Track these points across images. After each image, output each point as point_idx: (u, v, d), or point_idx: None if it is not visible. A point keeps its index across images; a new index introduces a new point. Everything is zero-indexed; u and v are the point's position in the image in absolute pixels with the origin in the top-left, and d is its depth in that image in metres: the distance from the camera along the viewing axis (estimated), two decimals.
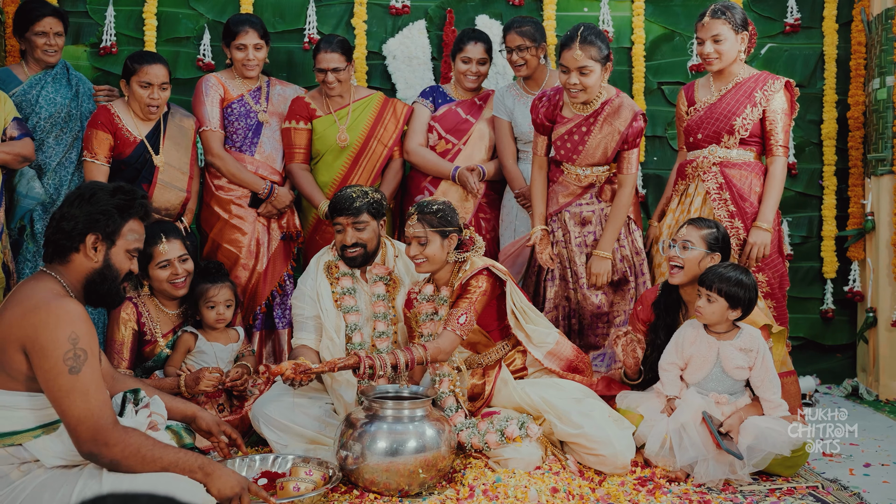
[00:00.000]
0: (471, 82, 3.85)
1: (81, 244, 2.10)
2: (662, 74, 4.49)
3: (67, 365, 1.94)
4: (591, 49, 3.21)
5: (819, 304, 4.48)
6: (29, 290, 2.05)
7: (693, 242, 2.97)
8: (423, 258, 2.90)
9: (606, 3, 4.44)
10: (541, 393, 2.86)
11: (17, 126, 3.36)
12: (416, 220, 2.92)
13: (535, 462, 2.72)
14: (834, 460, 3.01)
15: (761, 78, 3.42)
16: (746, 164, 3.41)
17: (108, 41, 4.27)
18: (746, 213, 3.36)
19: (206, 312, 3.16)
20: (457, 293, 2.90)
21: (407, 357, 2.69)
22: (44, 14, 3.53)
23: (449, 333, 2.79)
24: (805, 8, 4.49)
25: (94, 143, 3.45)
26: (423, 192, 3.83)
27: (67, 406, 1.94)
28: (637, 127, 3.34)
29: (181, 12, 4.36)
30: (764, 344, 2.82)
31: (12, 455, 2.00)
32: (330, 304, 3.08)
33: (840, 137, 4.47)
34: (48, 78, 3.58)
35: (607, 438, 2.70)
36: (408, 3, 4.41)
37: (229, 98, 3.77)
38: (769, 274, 3.39)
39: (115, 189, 2.17)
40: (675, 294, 3.08)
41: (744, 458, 2.64)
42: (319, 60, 3.72)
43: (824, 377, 4.42)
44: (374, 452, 2.50)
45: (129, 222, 2.16)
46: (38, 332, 1.95)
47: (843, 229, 4.44)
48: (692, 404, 2.75)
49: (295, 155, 3.80)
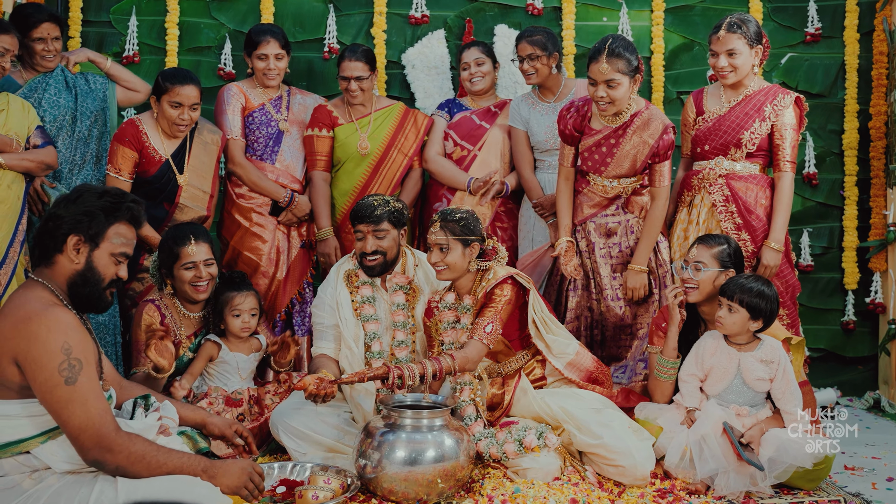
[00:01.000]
0: (476, 84, 3.88)
1: (63, 245, 2.07)
2: (682, 84, 4.48)
3: (63, 376, 1.92)
4: (619, 62, 3.17)
5: (840, 316, 4.44)
6: (19, 300, 2.02)
7: (705, 263, 2.94)
8: (444, 265, 2.91)
9: (626, 12, 4.44)
10: (560, 403, 2.86)
11: (40, 134, 3.39)
12: (439, 227, 2.93)
13: (554, 472, 2.71)
14: (856, 474, 2.98)
15: (771, 91, 3.40)
16: (752, 176, 3.40)
17: (131, 50, 4.32)
18: (753, 226, 3.35)
19: (232, 321, 3.17)
20: (481, 302, 2.90)
21: (435, 367, 2.70)
22: (41, 20, 3.51)
23: (476, 343, 2.80)
24: (826, 17, 4.46)
25: (119, 158, 3.46)
26: (441, 200, 3.85)
27: (67, 417, 1.93)
28: (668, 140, 3.31)
29: (203, 22, 4.40)
30: (785, 356, 2.80)
31: (22, 464, 2.00)
32: (349, 314, 3.08)
33: (861, 148, 4.44)
34: (48, 81, 3.58)
35: (627, 449, 2.68)
36: (427, 13, 4.43)
37: (251, 107, 3.80)
38: (779, 284, 3.37)
39: (104, 192, 2.14)
40: (692, 311, 3.05)
41: (764, 469, 2.61)
42: (343, 69, 3.76)
43: (845, 389, 4.38)
44: (392, 462, 2.50)
45: (115, 225, 2.12)
46: (31, 344, 1.92)
47: (864, 240, 4.40)
48: (712, 416, 2.73)
49: (317, 162, 3.83)
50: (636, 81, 3.26)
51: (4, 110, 3.30)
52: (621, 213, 3.46)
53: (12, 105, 3.33)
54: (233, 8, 4.42)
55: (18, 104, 3.36)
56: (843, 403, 4.23)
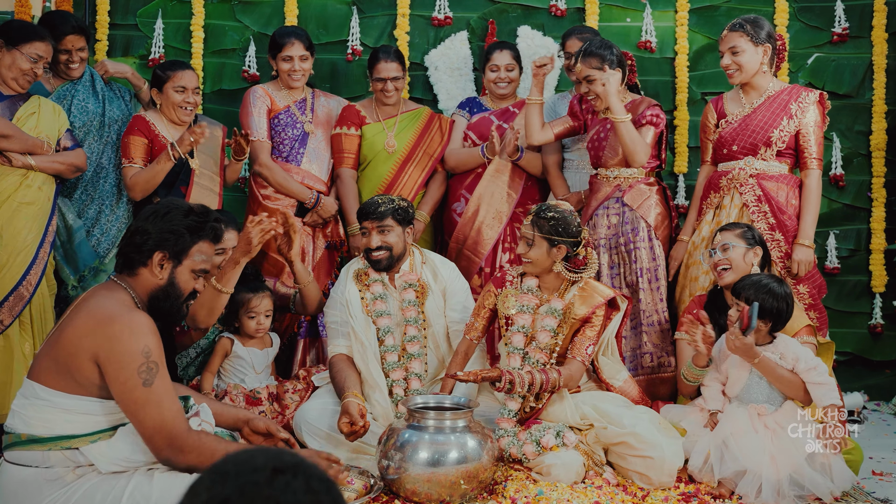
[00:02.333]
0: (502, 88, 3.89)
1: (149, 260, 2.16)
2: (706, 85, 4.45)
3: (141, 378, 2.00)
4: (593, 60, 3.42)
5: (867, 319, 4.39)
6: (101, 300, 2.09)
7: (732, 242, 3.04)
8: (528, 259, 2.97)
9: (650, 13, 4.42)
10: (592, 402, 2.88)
11: (69, 137, 3.44)
12: (530, 221, 2.98)
13: (577, 468, 2.70)
14: (885, 479, 2.95)
15: (794, 91, 3.41)
16: (782, 176, 3.40)
17: (157, 53, 4.37)
18: (786, 226, 3.34)
19: (247, 322, 3.19)
20: (582, 319, 2.92)
21: (542, 378, 2.79)
22: (65, 32, 3.53)
23: (578, 364, 2.90)
24: (853, 17, 4.41)
25: (132, 148, 3.53)
26: (460, 199, 3.88)
27: (143, 417, 2.00)
28: (651, 113, 3.45)
29: (227, 24, 4.44)
30: (798, 346, 2.81)
31: (69, 458, 2.05)
32: (359, 311, 3.12)
33: (889, 149, 4.38)
34: (77, 87, 3.62)
35: (657, 441, 2.69)
36: (450, 15, 4.43)
37: (276, 109, 3.83)
38: (809, 285, 3.36)
39: (189, 209, 2.22)
40: (721, 299, 3.11)
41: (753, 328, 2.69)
42: (380, 70, 3.80)
43: (872, 394, 4.32)
44: (415, 463, 2.50)
45: (198, 243, 2.21)
46: (113, 344, 2.00)
47: (892, 242, 4.35)
48: (734, 418, 2.73)
49: (345, 160, 3.86)
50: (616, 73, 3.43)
51: (35, 113, 3.35)
52: (620, 206, 3.51)
53: (43, 108, 3.38)
54: (257, 10, 4.45)
55: (49, 107, 3.41)
56: (870, 408, 4.18)
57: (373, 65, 3.85)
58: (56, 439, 2.04)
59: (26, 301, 3.22)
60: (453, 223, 3.86)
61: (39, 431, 2.04)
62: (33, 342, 3.25)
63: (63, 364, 2.02)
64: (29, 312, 3.26)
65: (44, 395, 2.04)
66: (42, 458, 2.04)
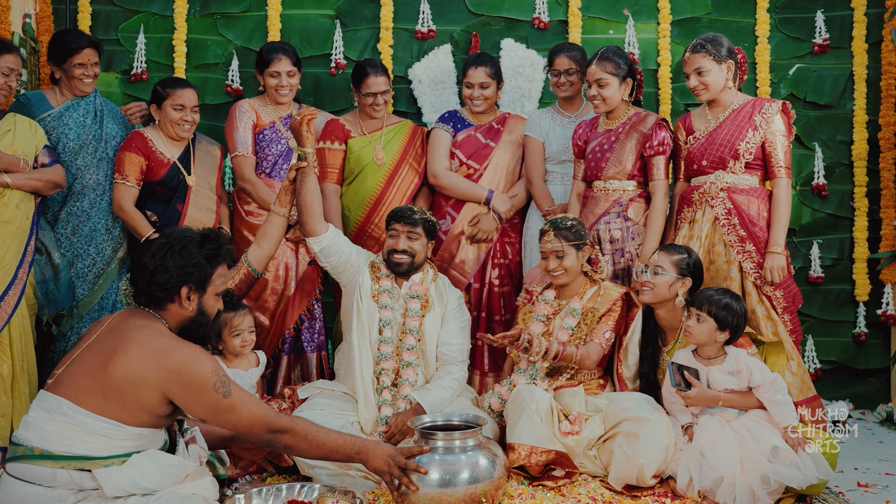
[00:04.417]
0: (476, 107, 3.90)
1: (177, 295, 2.24)
2: (689, 96, 4.44)
3: (220, 392, 2.16)
4: (608, 64, 3.49)
5: (851, 328, 4.41)
6: (146, 332, 2.17)
7: (664, 268, 3.12)
8: (562, 270, 3.21)
9: (632, 25, 4.44)
10: (596, 400, 3.06)
11: (47, 153, 3.42)
12: (553, 235, 3.21)
13: (539, 395, 2.97)
14: (870, 491, 2.95)
15: (757, 102, 3.45)
16: (752, 189, 3.42)
17: (139, 68, 4.34)
18: (757, 237, 3.36)
19: (231, 340, 3.16)
20: (602, 313, 3.19)
21: (558, 348, 3.05)
22: (81, 46, 3.57)
23: (595, 345, 3.13)
24: (834, 28, 4.45)
25: (126, 165, 3.55)
26: (445, 217, 3.86)
27: (237, 420, 2.20)
28: (661, 132, 3.51)
29: (210, 39, 4.42)
30: (750, 360, 2.89)
31: (75, 481, 2.07)
32: (367, 295, 3.21)
33: (871, 158, 4.42)
34: (80, 103, 3.64)
35: (655, 418, 2.83)
36: (433, 28, 4.44)
37: (261, 124, 3.82)
38: (784, 290, 3.38)
39: (203, 238, 2.30)
40: (653, 322, 3.21)
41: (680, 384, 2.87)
42: (369, 84, 3.80)
43: (857, 402, 4.34)
44: (426, 483, 2.47)
45: (218, 269, 2.32)
46: (183, 374, 2.12)
47: (874, 251, 4.37)
48: (708, 428, 2.80)
49: (328, 174, 3.84)
50: (627, 84, 3.53)
51: (11, 130, 3.33)
52: (622, 221, 3.54)
53: (19, 125, 3.36)
54: (239, 25, 4.44)
55: (25, 124, 3.39)
56: (855, 417, 4.19)
57: (361, 79, 3.84)
58: (71, 458, 2.06)
59: (5, 322, 3.19)
60: (438, 241, 3.83)
61: (55, 448, 2.06)
62: (12, 363, 3.21)
63: (115, 390, 2.08)
64: (8, 333, 3.21)
65: (70, 413, 2.07)
66: (49, 477, 2.05)
